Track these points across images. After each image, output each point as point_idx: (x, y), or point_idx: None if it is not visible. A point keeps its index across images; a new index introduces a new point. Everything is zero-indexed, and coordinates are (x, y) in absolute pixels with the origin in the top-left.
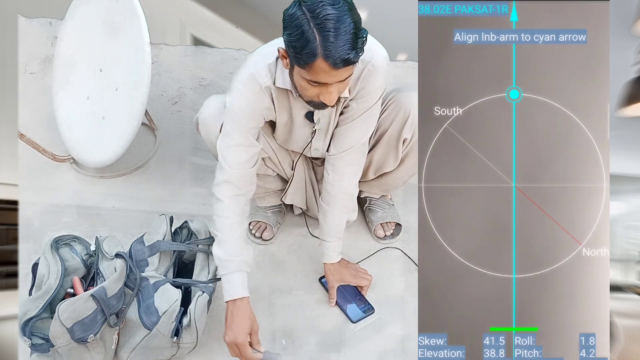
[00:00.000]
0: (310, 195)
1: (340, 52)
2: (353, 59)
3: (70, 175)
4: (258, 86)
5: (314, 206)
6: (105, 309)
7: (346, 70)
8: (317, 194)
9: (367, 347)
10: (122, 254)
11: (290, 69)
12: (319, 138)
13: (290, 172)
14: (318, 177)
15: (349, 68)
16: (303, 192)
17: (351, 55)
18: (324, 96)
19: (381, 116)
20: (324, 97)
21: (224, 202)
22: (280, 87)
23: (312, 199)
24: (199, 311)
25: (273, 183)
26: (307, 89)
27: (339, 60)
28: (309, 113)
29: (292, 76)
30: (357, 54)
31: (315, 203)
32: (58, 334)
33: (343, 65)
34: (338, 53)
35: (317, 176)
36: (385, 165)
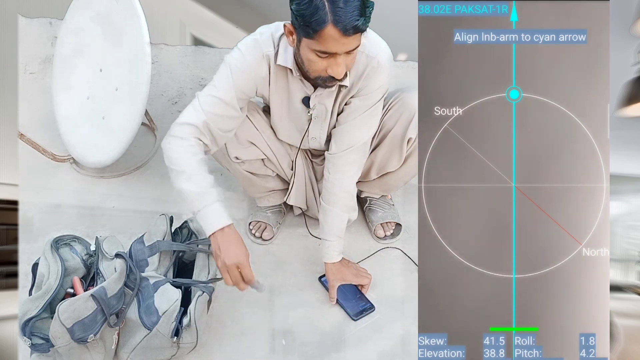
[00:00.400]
0: (310, 195)
1: (350, 17)
2: (362, 27)
3: (70, 175)
4: (260, 52)
5: (314, 206)
6: (105, 309)
7: (354, 39)
8: (317, 194)
9: (367, 347)
10: (122, 254)
11: (297, 45)
12: (315, 125)
13: (290, 172)
14: (318, 177)
15: (357, 37)
16: (304, 193)
17: (360, 22)
18: (332, 68)
19: (385, 115)
20: (332, 69)
21: (188, 140)
22: (281, 64)
23: (312, 199)
24: (199, 311)
25: (273, 182)
26: (316, 62)
27: (349, 27)
28: (305, 98)
29: (299, 52)
30: (366, 22)
31: (315, 203)
32: (58, 334)
33: (353, 32)
34: (348, 19)
35: (317, 176)
36: (389, 164)
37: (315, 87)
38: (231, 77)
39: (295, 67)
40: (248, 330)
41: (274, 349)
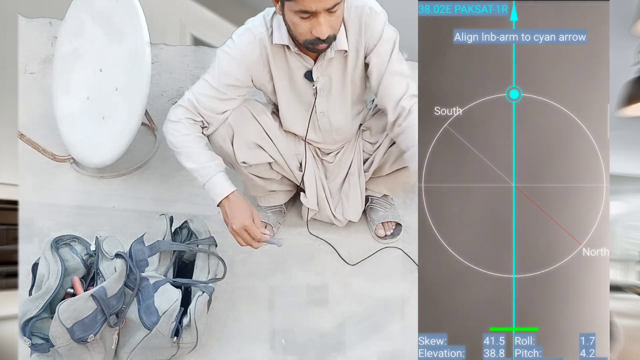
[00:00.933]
0: (322, 196)
1: None
2: None
3: (70, 175)
4: (252, 36)
5: (326, 207)
6: (105, 309)
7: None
8: (329, 195)
9: (367, 347)
10: (122, 254)
11: (282, 13)
12: (322, 98)
13: (299, 173)
14: (328, 177)
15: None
16: (315, 193)
17: None
18: (315, 29)
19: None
20: (315, 30)
21: (181, 122)
22: (278, 43)
23: (324, 199)
24: (199, 311)
25: (276, 184)
26: (299, 24)
27: None
28: (308, 72)
29: (285, 20)
30: None
31: (327, 204)
32: (58, 334)
33: None
34: None
35: (327, 175)
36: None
37: (315, 60)
38: (219, 63)
39: (292, 42)
40: (248, 330)
41: (274, 349)
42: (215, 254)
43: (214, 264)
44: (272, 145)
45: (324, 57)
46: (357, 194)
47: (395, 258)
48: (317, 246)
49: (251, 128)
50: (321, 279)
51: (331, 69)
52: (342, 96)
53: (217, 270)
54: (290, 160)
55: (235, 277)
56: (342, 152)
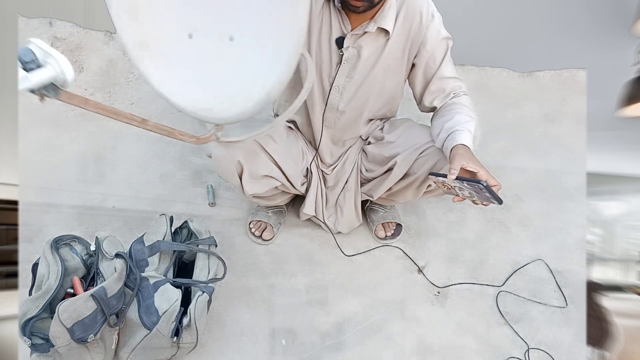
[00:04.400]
0: (319, 204)
1: None
2: None
3: (71, 175)
4: None
5: (320, 215)
6: (105, 309)
7: None
8: (325, 203)
9: (367, 347)
10: (122, 254)
11: None
12: (343, 70)
13: (302, 187)
14: (327, 185)
15: None
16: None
17: None
18: None
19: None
20: None
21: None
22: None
23: (320, 208)
24: (199, 311)
25: (279, 197)
26: None
27: None
28: (340, 38)
29: None
30: None
31: (322, 211)
32: (58, 334)
33: None
34: None
35: (326, 184)
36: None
37: (353, 28)
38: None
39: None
40: (248, 330)
41: (274, 349)
42: (215, 254)
43: (214, 264)
44: (279, 173)
45: (362, 28)
46: (352, 210)
47: (396, 258)
48: (317, 246)
49: (259, 162)
50: (321, 279)
51: (365, 43)
52: (365, 79)
53: (217, 270)
54: (296, 180)
55: (235, 277)
56: (340, 165)
